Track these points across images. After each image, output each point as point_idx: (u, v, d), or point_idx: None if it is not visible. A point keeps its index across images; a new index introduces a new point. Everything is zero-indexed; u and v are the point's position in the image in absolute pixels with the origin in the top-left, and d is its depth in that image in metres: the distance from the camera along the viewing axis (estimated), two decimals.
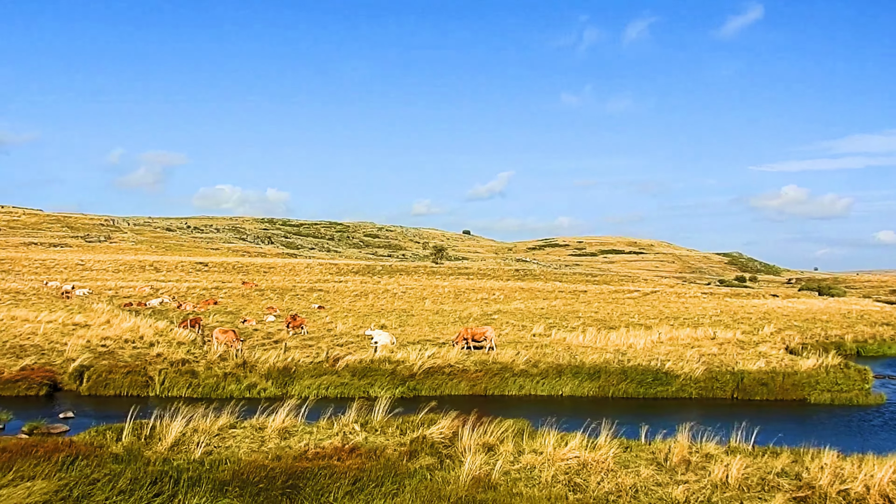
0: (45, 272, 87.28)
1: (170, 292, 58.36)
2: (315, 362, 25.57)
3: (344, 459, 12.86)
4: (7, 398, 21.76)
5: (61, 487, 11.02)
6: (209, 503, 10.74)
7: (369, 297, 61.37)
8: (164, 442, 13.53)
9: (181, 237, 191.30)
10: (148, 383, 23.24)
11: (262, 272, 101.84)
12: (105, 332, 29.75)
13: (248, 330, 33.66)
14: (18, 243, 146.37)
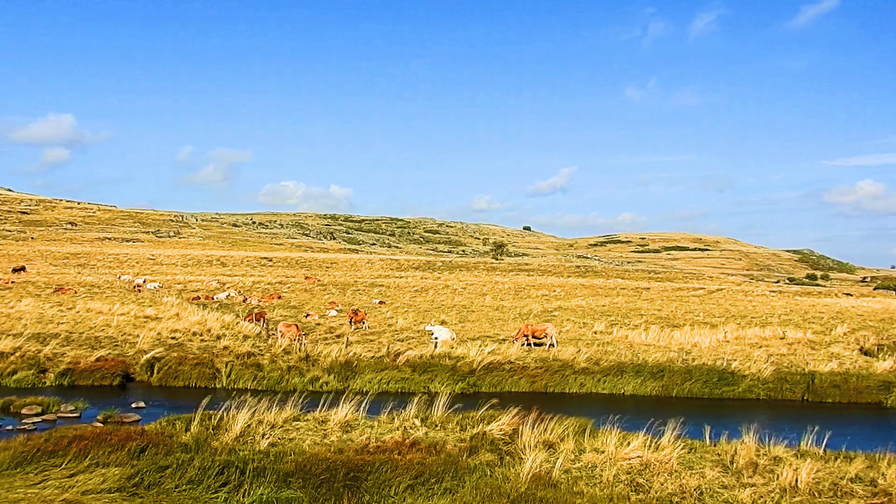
0: (119, 266, 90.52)
1: (236, 286, 59.78)
2: (376, 357, 25.83)
3: (404, 454, 12.96)
4: (83, 387, 22.65)
5: (133, 474, 11.42)
6: (273, 493, 10.96)
7: (429, 293, 61.66)
8: (231, 433, 13.86)
9: (246, 233, 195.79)
10: (215, 375, 23.85)
11: (325, 267, 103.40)
12: (174, 324, 30.68)
13: (311, 324, 34.22)
14: (94, 238, 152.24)
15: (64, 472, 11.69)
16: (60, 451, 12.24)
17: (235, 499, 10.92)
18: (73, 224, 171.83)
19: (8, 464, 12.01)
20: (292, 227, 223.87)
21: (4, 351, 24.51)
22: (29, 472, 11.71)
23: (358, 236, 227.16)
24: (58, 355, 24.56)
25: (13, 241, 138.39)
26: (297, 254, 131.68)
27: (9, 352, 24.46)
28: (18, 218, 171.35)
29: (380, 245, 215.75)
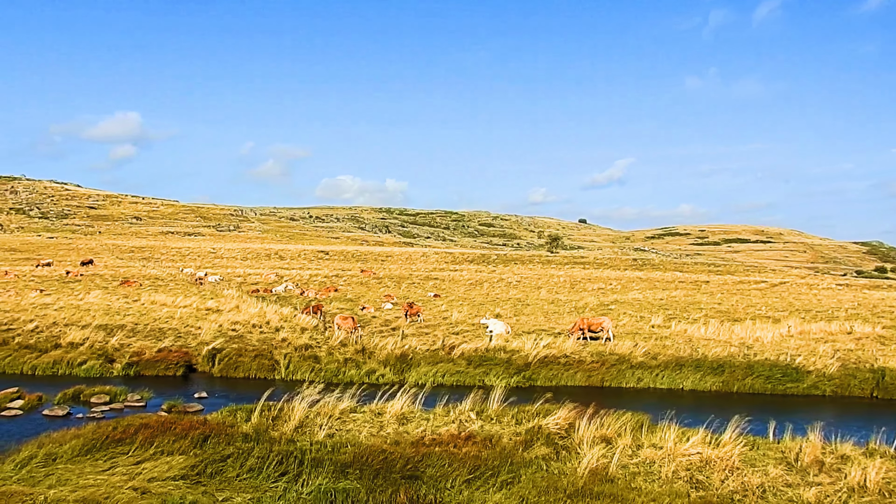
0: (181, 259, 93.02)
1: (293, 279, 60.77)
2: (431, 350, 25.94)
3: (460, 447, 12.99)
4: (148, 377, 23.35)
5: (197, 463, 11.72)
6: (331, 484, 11.11)
7: (484, 286, 61.62)
8: (290, 423, 14.11)
9: (304, 226, 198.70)
10: (274, 367, 24.30)
11: (380, 261, 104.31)
12: (235, 317, 31.36)
13: (367, 317, 34.56)
14: (157, 232, 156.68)
15: (131, 459, 12.07)
16: (128, 439, 12.65)
17: (294, 488, 11.11)
18: (137, 218, 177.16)
19: (79, 450, 12.46)
20: (348, 220, 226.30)
21: (74, 341, 25.44)
22: (98, 459, 12.14)
23: (413, 230, 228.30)
24: (124, 346, 25.38)
25: (82, 235, 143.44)
26: (352, 247, 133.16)
27: (78, 342, 25.38)
28: (87, 213, 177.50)
29: (434, 238, 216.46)
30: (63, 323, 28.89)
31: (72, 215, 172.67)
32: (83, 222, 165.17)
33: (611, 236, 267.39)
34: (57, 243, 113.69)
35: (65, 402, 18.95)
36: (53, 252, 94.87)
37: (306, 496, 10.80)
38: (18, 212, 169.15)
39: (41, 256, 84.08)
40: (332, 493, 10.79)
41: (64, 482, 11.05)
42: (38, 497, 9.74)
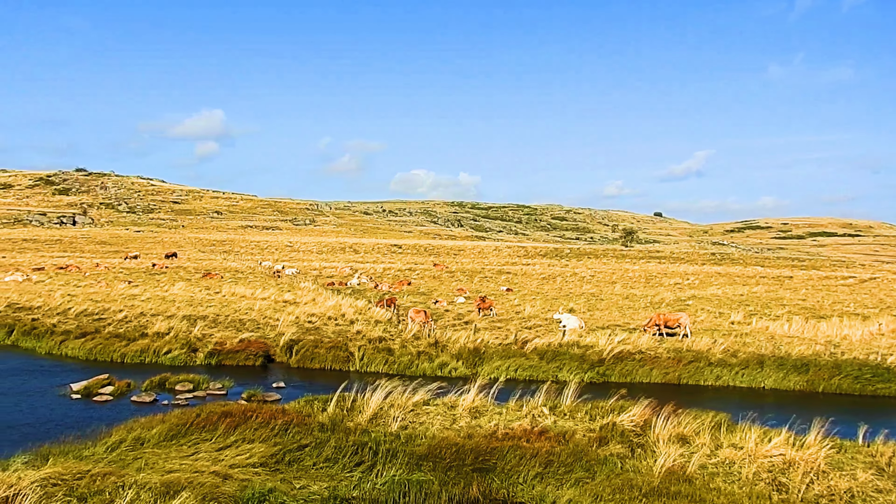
0: (259, 252, 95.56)
1: (367, 273, 61.62)
2: (504, 344, 25.89)
3: (533, 441, 12.93)
4: (228, 367, 24.10)
5: (275, 451, 12.04)
6: (405, 475, 11.23)
7: (557, 281, 61.09)
8: (364, 414, 14.33)
9: (377, 220, 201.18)
10: (349, 358, 24.70)
11: (452, 254, 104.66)
12: (311, 309, 32.03)
13: (440, 310, 34.74)
14: (237, 226, 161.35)
15: (214, 445, 12.50)
16: (210, 426, 13.09)
17: (369, 479, 11.28)
18: (218, 213, 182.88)
19: (165, 435, 12.99)
20: (421, 214, 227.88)
21: (160, 331, 26.48)
22: (183, 445, 12.61)
23: (485, 223, 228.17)
24: (206, 336, 26.26)
25: (166, 228, 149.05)
26: (425, 241, 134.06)
27: (164, 332, 26.40)
28: (171, 207, 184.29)
29: (506, 232, 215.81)
30: (150, 313, 30.10)
31: (157, 210, 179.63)
32: (167, 216, 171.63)
33: (688, 230, 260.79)
34: (143, 237, 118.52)
35: (151, 389, 19.77)
36: (140, 245, 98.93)
37: (381, 486, 10.95)
38: (108, 206, 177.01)
39: (129, 249, 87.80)
40: (405, 484, 10.91)
41: (151, 465, 11.52)
42: (128, 479, 10.18)
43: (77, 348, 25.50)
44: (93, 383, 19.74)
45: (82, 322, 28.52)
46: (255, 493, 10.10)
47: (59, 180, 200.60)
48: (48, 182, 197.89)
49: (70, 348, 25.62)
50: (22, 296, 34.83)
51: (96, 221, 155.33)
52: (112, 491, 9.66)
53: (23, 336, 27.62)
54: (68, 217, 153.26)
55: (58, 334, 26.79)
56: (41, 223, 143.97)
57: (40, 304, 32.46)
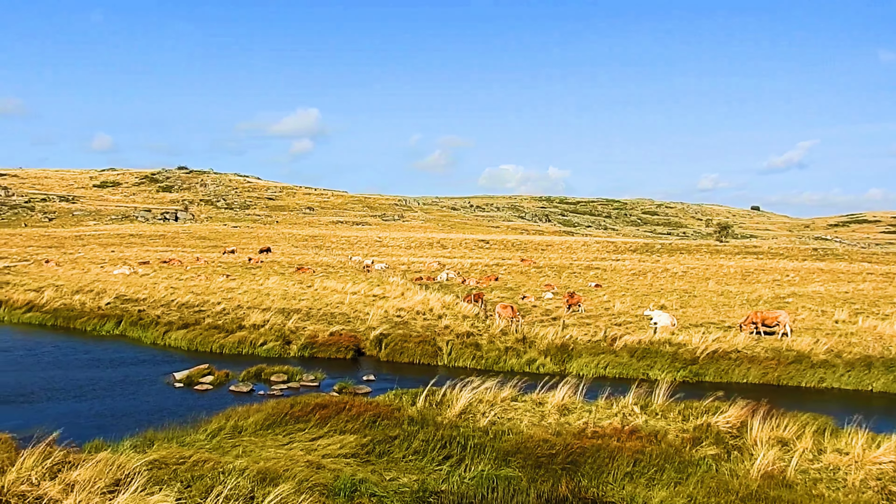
0: (350, 247, 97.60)
1: (455, 268, 61.95)
2: (592, 341, 25.53)
3: (623, 441, 12.70)
4: (320, 359, 24.72)
5: (366, 443, 12.29)
6: (493, 471, 11.25)
7: (647, 276, 59.74)
8: (453, 409, 14.42)
9: (464, 216, 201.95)
10: (437, 353, 24.90)
11: (540, 250, 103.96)
12: (399, 303, 32.47)
13: (527, 306, 34.58)
14: (328, 222, 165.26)
15: (307, 435, 12.86)
16: (304, 417, 13.48)
17: (458, 473, 11.35)
18: (310, 209, 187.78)
19: (261, 425, 13.46)
20: (508, 209, 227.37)
21: (256, 323, 27.43)
22: (278, 434, 13.04)
23: (573, 218, 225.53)
24: (299, 329, 27.02)
25: (261, 224, 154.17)
26: (512, 236, 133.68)
27: (259, 324, 27.33)
28: (265, 203, 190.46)
29: (595, 227, 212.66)
30: (246, 306, 31.22)
31: (253, 206, 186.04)
32: (262, 212, 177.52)
33: (787, 224, 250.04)
34: (240, 232, 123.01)
35: (248, 380, 20.50)
36: (237, 240, 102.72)
37: (469, 481, 11.00)
38: (207, 203, 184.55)
39: (226, 244, 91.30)
40: (494, 479, 10.92)
41: (248, 453, 11.96)
42: (227, 466, 10.60)
43: (179, 339, 26.72)
44: (194, 373, 20.66)
45: (184, 313, 29.86)
46: (346, 483, 10.33)
47: (162, 178, 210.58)
48: (152, 180, 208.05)
49: (173, 338, 26.87)
50: (129, 288, 36.76)
51: (196, 217, 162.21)
52: (213, 477, 10.07)
53: (130, 326, 29.16)
54: (171, 213, 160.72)
55: (161, 325, 28.15)
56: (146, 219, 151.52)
57: (145, 296, 34.19)
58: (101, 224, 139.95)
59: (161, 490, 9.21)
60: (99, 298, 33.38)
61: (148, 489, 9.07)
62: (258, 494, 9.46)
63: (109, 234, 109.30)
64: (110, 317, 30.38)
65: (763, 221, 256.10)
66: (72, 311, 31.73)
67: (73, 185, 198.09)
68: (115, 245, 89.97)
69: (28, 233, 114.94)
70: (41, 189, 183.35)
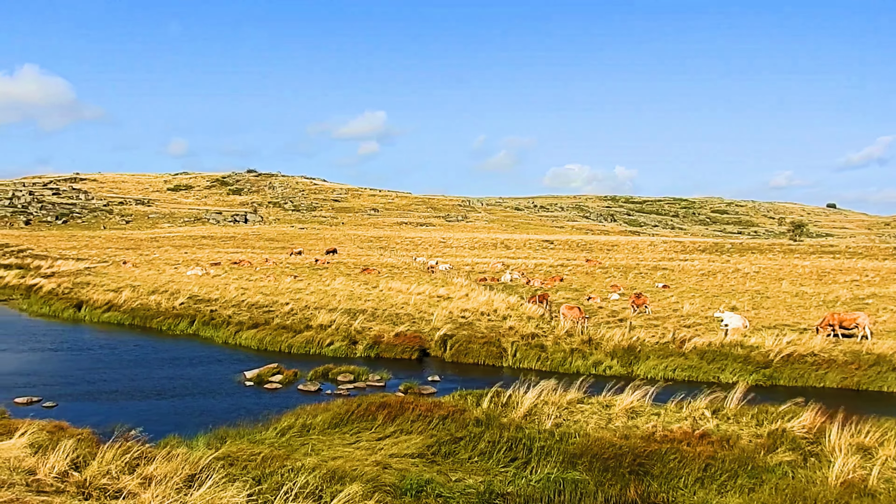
0: (413, 248, 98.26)
1: (519, 269, 61.68)
2: (660, 343, 25.03)
3: (693, 445, 12.41)
4: (385, 359, 24.95)
5: (432, 443, 12.33)
6: (560, 473, 11.14)
7: (717, 277, 58.26)
8: (518, 411, 14.34)
9: (528, 216, 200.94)
10: (501, 354, 24.82)
11: (605, 250, 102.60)
12: (464, 304, 32.50)
13: (593, 307, 34.16)
14: (392, 223, 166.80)
15: (374, 434, 13.00)
16: (370, 416, 13.63)
17: (523, 475, 11.28)
18: (375, 210, 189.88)
19: (329, 423, 13.67)
20: (572, 209, 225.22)
21: (323, 323, 27.87)
22: (345, 433, 13.21)
23: (639, 218, 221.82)
24: (365, 329, 27.32)
25: (328, 226, 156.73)
26: (577, 236, 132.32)
27: (326, 324, 27.76)
28: (331, 205, 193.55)
29: (662, 227, 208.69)
30: (313, 306, 31.76)
31: (319, 208, 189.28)
32: (328, 214, 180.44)
33: (866, 222, 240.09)
34: (307, 233, 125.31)
35: (316, 379, 20.86)
36: (304, 241, 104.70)
37: (535, 483, 10.93)
38: (275, 205, 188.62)
39: (293, 245, 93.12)
40: (560, 482, 10.82)
41: (316, 451, 12.16)
42: (296, 463, 10.79)
43: (249, 338, 27.37)
44: (264, 371, 21.13)
45: (253, 313, 30.58)
46: (413, 483, 10.39)
47: (232, 181, 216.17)
48: (223, 183, 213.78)
49: (243, 338, 27.55)
50: (201, 288, 37.87)
51: (265, 219, 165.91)
52: (283, 474, 10.27)
53: (202, 326, 30.04)
54: (240, 215, 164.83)
55: (233, 325, 28.89)
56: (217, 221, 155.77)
57: (217, 296, 35.16)
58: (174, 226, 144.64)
59: (234, 485, 9.44)
60: (173, 299, 34.49)
61: (221, 485, 9.30)
62: (326, 492, 9.60)
63: (182, 236, 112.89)
64: (184, 316, 31.35)
65: (839, 219, 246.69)
66: (148, 311, 32.88)
67: (148, 188, 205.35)
68: (187, 247, 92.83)
69: (107, 235, 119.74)
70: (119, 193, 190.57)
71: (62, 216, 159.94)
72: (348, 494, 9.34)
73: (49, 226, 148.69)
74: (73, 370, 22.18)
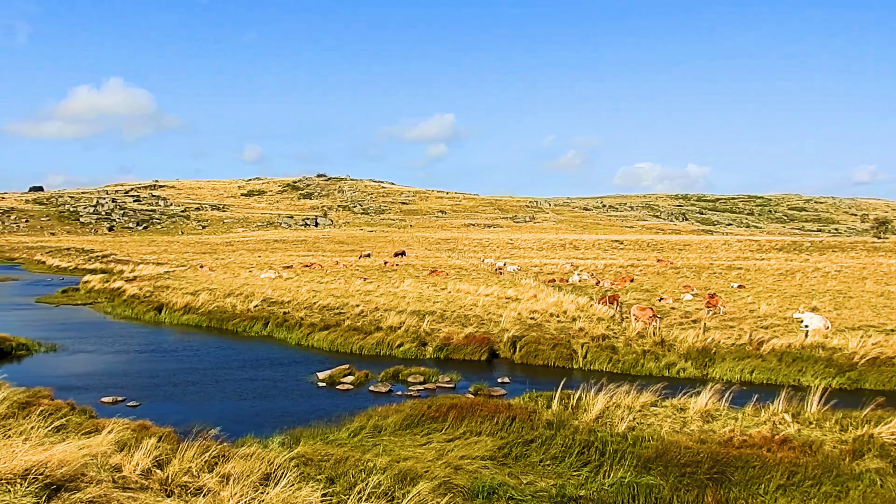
0: (481, 250, 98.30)
1: (588, 269, 60.97)
2: (736, 344, 24.32)
3: (774, 451, 12.00)
4: (455, 361, 25.00)
5: (502, 445, 12.29)
6: (633, 478, 10.95)
7: (796, 276, 56.27)
8: (589, 414, 14.16)
9: (597, 216, 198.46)
10: (571, 356, 24.56)
11: (677, 249, 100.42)
12: (532, 305, 32.30)
13: (665, 308, 33.46)
14: (459, 225, 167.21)
15: (444, 436, 13.04)
16: (440, 418, 13.68)
17: (596, 479, 11.13)
18: (442, 212, 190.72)
19: (399, 425, 13.78)
20: (642, 209, 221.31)
21: (392, 325, 28.14)
22: (416, 434, 13.30)
23: (712, 216, 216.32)
24: (434, 331, 27.45)
25: (396, 228, 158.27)
26: (647, 236, 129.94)
27: (396, 326, 28.02)
28: (399, 208, 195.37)
29: (736, 225, 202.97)
30: (383, 308, 32.10)
31: (387, 210, 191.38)
32: (396, 217, 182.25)
33: None
34: (375, 236, 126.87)
35: (386, 380, 21.07)
36: (372, 244, 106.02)
37: (608, 488, 10.77)
38: (344, 208, 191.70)
39: (362, 248, 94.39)
40: (634, 487, 10.63)
41: (388, 452, 12.28)
42: (368, 464, 10.92)
43: (321, 340, 27.87)
44: (336, 373, 21.47)
45: (325, 315, 31.11)
46: (485, 485, 10.38)
47: (303, 185, 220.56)
48: (294, 188, 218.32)
49: (315, 339, 28.07)
50: (275, 291, 38.76)
51: (335, 223, 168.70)
52: (355, 473, 10.41)
53: (276, 328, 30.74)
54: (311, 219, 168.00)
55: (305, 326, 29.47)
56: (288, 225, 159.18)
57: (289, 298, 35.92)
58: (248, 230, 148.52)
59: (308, 485, 9.62)
60: (248, 301, 35.41)
61: (296, 484, 9.49)
62: (398, 493, 9.68)
63: (256, 239, 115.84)
64: (258, 318, 32.15)
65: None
66: (224, 313, 33.86)
67: (223, 194, 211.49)
68: (261, 250, 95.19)
69: (184, 240, 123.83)
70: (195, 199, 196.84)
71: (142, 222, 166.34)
72: (419, 495, 9.40)
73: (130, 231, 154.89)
74: (154, 371, 23.03)
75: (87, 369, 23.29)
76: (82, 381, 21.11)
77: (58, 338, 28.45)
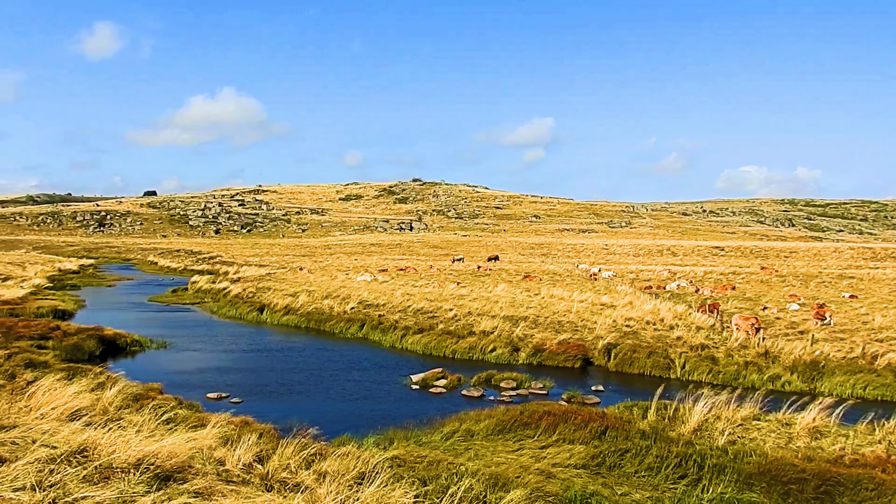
0: (575, 255, 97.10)
1: (686, 276, 59.17)
2: (848, 357, 23.04)
3: (890, 472, 11.30)
4: (548, 367, 24.76)
5: (596, 454, 12.08)
6: (734, 494, 10.54)
7: None
8: (687, 425, 13.74)
9: (696, 222, 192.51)
10: (669, 366, 23.89)
11: (783, 257, 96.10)
12: (628, 312, 31.61)
13: (769, 318, 32.07)
14: (554, 230, 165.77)
15: (536, 443, 12.94)
16: (533, 424, 13.58)
17: (694, 493, 10.78)
18: (536, 217, 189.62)
19: (491, 430, 13.77)
20: (745, 214, 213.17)
21: (485, 329, 28.16)
22: (508, 440, 13.26)
23: (821, 222, 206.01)
24: (527, 336, 27.29)
25: (489, 233, 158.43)
26: (750, 242, 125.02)
27: (489, 330, 28.03)
28: (493, 213, 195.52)
29: (848, 231, 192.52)
30: (476, 312, 32.17)
31: (481, 215, 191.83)
32: (490, 221, 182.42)
33: None
34: (468, 241, 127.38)
35: (479, 385, 21.10)
36: (466, 248, 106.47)
37: (707, 503, 10.41)
38: (438, 213, 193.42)
39: (456, 252, 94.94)
40: (735, 503, 10.23)
41: (480, 457, 12.29)
42: (460, 468, 10.97)
43: (415, 343, 28.20)
44: (429, 376, 21.67)
45: (419, 319, 31.46)
46: (578, 494, 10.23)
47: (398, 190, 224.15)
48: (390, 192, 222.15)
49: (409, 342, 28.42)
50: (370, 294, 39.51)
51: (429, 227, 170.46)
52: (447, 476, 10.47)
53: (371, 330, 31.33)
54: (406, 223, 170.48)
55: (399, 329, 29.90)
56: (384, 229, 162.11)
57: (384, 301, 36.52)
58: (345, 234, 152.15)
59: (401, 485, 9.75)
60: (344, 303, 36.24)
61: (389, 484, 9.64)
62: (490, 498, 9.67)
63: (353, 243, 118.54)
64: (354, 321, 32.85)
65: None
66: (321, 315, 34.78)
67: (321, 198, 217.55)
68: (357, 253, 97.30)
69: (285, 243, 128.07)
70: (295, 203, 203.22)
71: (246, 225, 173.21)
72: (511, 500, 9.37)
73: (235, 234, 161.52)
74: (256, 370, 23.90)
75: (194, 366, 24.43)
76: (189, 377, 22.17)
77: (168, 335, 29.95)
